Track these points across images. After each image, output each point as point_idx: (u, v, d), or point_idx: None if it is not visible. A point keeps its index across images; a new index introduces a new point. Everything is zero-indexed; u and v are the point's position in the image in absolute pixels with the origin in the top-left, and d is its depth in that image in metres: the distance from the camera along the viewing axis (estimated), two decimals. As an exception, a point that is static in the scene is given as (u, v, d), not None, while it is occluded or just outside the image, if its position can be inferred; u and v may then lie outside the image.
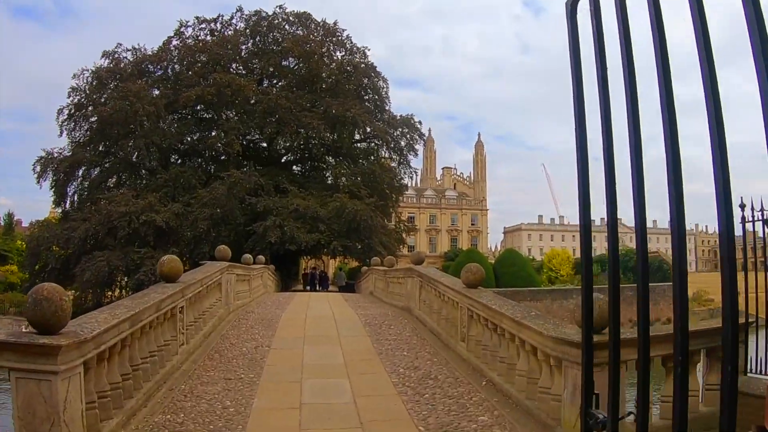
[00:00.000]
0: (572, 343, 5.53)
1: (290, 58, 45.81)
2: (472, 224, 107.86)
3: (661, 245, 72.28)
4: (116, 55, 45.06)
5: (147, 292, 8.41)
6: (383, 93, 49.09)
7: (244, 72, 46.00)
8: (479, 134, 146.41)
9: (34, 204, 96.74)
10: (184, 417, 6.57)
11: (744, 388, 6.79)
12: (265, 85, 46.64)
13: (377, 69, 48.87)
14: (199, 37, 46.40)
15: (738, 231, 6.87)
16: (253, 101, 42.92)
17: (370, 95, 48.65)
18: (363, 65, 47.54)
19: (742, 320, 6.77)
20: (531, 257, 78.38)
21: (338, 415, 6.75)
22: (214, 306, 12.56)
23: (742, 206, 7.01)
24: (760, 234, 7.32)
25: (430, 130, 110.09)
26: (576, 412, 5.48)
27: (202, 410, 6.81)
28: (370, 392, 7.75)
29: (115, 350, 6.26)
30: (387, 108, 49.26)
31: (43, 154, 42.59)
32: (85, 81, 43.61)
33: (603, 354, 5.47)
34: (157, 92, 43.76)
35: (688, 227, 2.87)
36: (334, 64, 46.66)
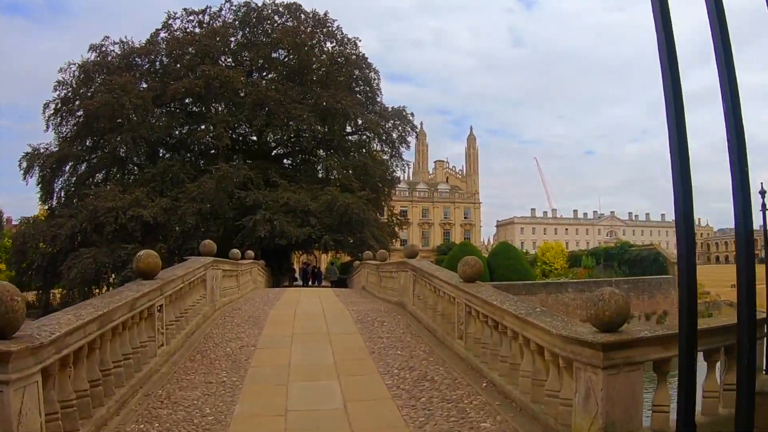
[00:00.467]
0: (585, 343, 5.00)
1: (280, 50, 45.04)
2: (465, 218, 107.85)
3: (654, 238, 72.25)
4: (103, 49, 44.06)
5: (121, 289, 7.84)
6: (374, 85, 48.60)
7: (233, 64, 45.19)
8: (471, 127, 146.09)
9: (25, 201, 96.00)
10: (159, 427, 6.01)
11: (765, 388, 6.31)
12: (254, 77, 45.77)
13: (368, 60, 48.39)
14: (188, 30, 45.47)
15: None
16: (242, 94, 42.13)
17: (362, 87, 48.04)
18: (354, 56, 46.89)
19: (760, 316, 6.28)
20: (525, 251, 78.10)
21: (327, 423, 6.21)
22: (198, 303, 12.00)
23: (762, 192, 6.48)
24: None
25: (422, 123, 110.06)
26: (590, 418, 4.97)
27: (179, 419, 6.24)
28: (362, 396, 7.20)
29: (82, 354, 5.70)
30: (378, 100, 48.85)
31: (30, 149, 41.73)
32: (71, 75, 42.69)
33: (623, 354, 4.93)
34: (144, 85, 42.82)
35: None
36: (324, 55, 46.01)
